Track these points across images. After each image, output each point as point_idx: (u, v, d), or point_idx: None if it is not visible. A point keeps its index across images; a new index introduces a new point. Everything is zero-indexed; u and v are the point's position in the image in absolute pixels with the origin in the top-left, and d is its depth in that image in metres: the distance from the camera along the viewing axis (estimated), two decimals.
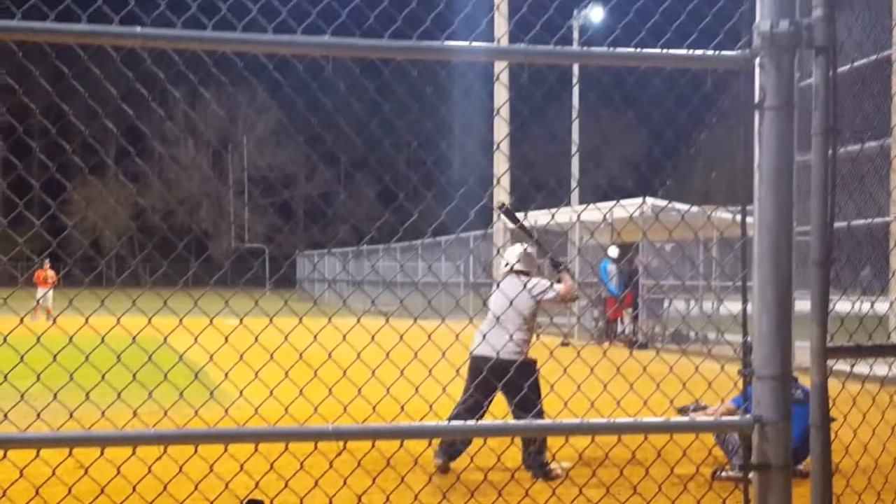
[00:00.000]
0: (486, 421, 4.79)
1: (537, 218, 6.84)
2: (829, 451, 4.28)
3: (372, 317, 5.37)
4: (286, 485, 5.41)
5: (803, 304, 4.33)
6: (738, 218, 4.49)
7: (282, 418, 5.28)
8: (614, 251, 28.90)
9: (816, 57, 4.14)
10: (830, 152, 4.18)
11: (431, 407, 5.35)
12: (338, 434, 4.27)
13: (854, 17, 15.60)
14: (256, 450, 4.94)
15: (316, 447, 5.10)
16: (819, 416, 4.24)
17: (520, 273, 10.97)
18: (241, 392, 5.09)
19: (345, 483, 5.52)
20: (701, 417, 9.87)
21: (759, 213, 4.13)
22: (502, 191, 24.63)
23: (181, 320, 4.73)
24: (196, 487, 5.27)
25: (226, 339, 4.75)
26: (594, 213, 20.31)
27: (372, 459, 6.21)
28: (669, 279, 28.56)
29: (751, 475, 4.25)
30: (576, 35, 40.44)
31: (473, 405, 9.91)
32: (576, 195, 36.31)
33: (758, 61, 4.11)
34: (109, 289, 5.08)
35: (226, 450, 4.92)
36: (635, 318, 29.63)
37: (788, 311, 4.15)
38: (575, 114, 33.83)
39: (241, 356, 4.83)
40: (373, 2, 4.58)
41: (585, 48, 4.35)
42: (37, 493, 4.99)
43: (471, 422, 6.40)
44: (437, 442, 10.41)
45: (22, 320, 4.63)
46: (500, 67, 5.78)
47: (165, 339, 4.79)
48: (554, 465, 10.28)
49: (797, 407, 4.33)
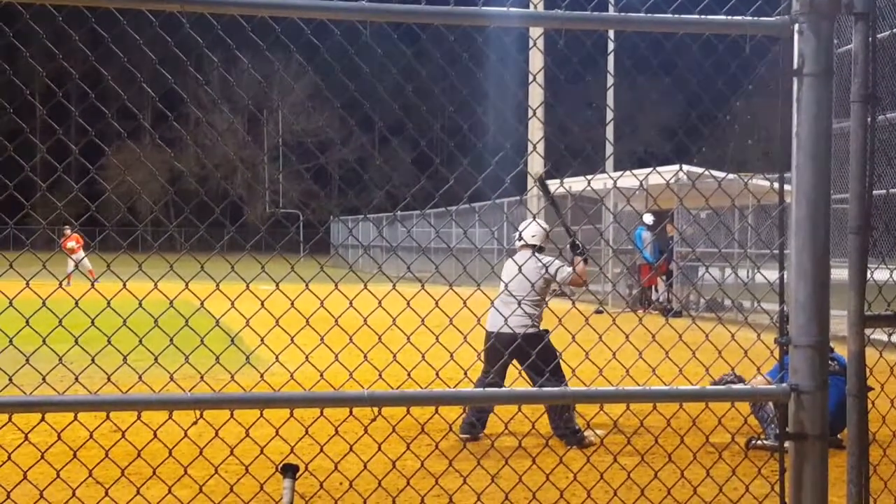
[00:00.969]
0: (520, 388, 4.80)
1: (572, 185, 6.80)
2: (865, 420, 4.26)
3: (407, 283, 5.38)
4: (321, 450, 5.43)
5: (840, 273, 4.30)
6: (776, 185, 4.46)
7: (317, 384, 5.30)
8: (649, 218, 28.80)
9: (856, 23, 4.10)
10: (869, 119, 4.15)
11: (466, 373, 5.36)
12: (373, 400, 4.28)
13: None
14: (291, 415, 4.96)
15: (351, 413, 5.12)
16: (856, 386, 4.23)
17: (533, 248, 10.93)
18: (277, 357, 5.10)
19: (379, 449, 5.54)
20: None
21: (797, 180, 4.10)
22: (537, 157, 24.58)
23: (218, 285, 4.74)
24: (231, 452, 5.30)
25: (262, 304, 4.76)
26: (629, 179, 20.26)
27: (406, 425, 6.23)
28: (705, 246, 28.45)
29: (786, 444, 4.24)
30: (612, 0, 40.21)
31: (494, 381, 9.92)
32: (611, 162, 36.15)
33: (797, 27, 4.08)
34: (146, 253, 5.11)
35: (261, 415, 4.95)
36: (670, 286, 29.55)
37: (826, 279, 4.12)
38: (611, 80, 33.65)
39: (277, 321, 4.84)
40: None
41: (623, 14, 4.32)
42: (74, 455, 5.03)
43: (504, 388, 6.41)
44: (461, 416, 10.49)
45: (61, 284, 4.66)
46: (537, 33, 5.75)
47: (202, 303, 4.80)
48: (588, 433, 10.29)
49: (833, 378, 4.32)
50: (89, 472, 5.25)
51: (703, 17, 4.30)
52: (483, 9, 4.23)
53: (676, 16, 4.27)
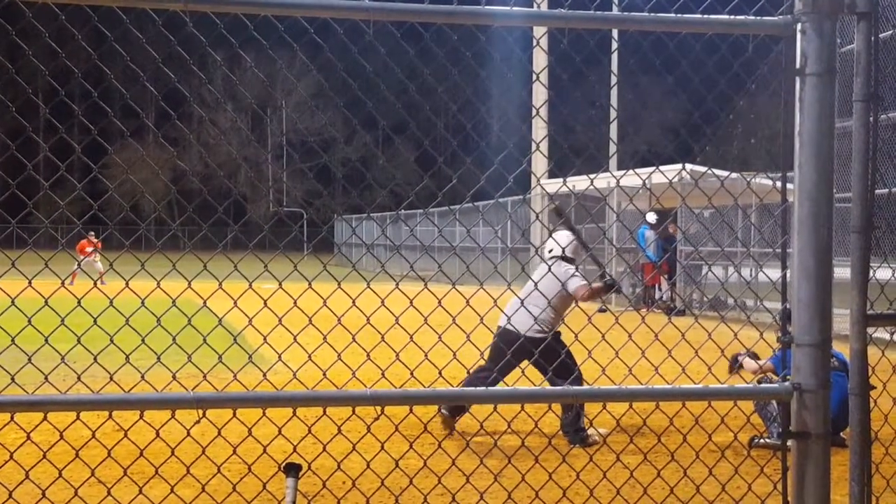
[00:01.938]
0: (523, 387, 4.79)
1: (576, 183, 6.81)
2: (868, 419, 4.26)
3: (410, 281, 5.38)
4: (324, 449, 5.43)
5: (843, 271, 4.31)
6: (778, 184, 4.46)
7: (320, 383, 5.30)
8: (652, 217, 28.79)
9: (858, 23, 4.10)
10: (872, 119, 4.15)
11: (469, 372, 5.37)
12: (375, 399, 4.28)
13: None
14: (294, 414, 4.96)
15: (354, 412, 5.13)
16: (858, 384, 4.23)
17: (565, 260, 10.94)
18: (280, 356, 5.10)
19: (382, 448, 5.54)
20: (749, 363, 9.87)
21: (800, 179, 4.10)
22: (540, 156, 24.57)
23: (220, 284, 4.75)
24: (234, 451, 5.30)
25: (265, 303, 4.77)
26: (633, 178, 20.27)
27: (409, 424, 6.25)
28: (708, 245, 28.44)
29: (788, 443, 4.25)
30: None
31: (495, 379, 9.89)
32: (614, 161, 36.16)
33: (799, 27, 4.08)
34: (149, 252, 5.11)
35: (264, 414, 4.95)
36: (673, 285, 29.55)
37: (828, 278, 4.13)
38: (614, 80, 33.66)
39: (280, 320, 4.84)
40: None
41: (626, 13, 4.32)
42: (77, 455, 5.03)
43: (506, 386, 6.40)
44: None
45: (63, 283, 4.66)
46: (540, 32, 5.76)
47: (205, 302, 4.81)
48: (591, 431, 10.29)
49: (835, 375, 4.32)
50: (92, 472, 5.25)
51: (705, 16, 4.31)
52: (486, 8, 4.23)
53: (679, 15, 4.28)
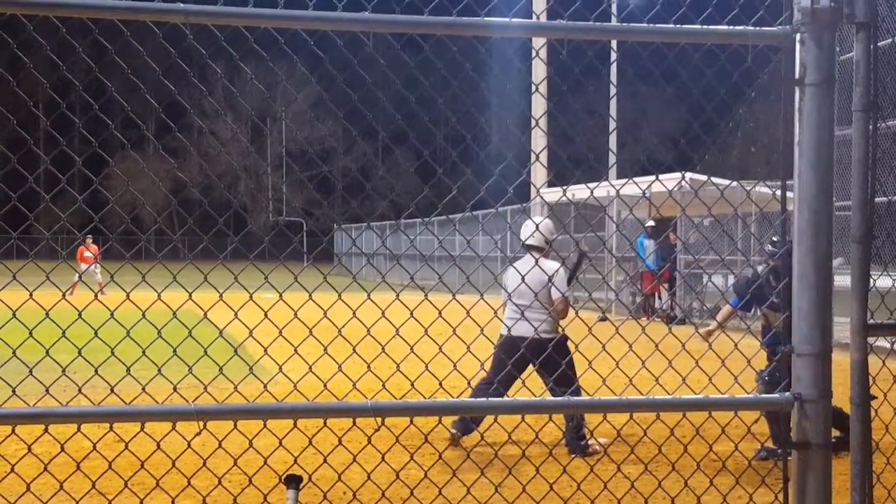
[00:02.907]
0: (524, 398, 4.80)
1: (575, 192, 6.80)
2: (868, 428, 4.26)
3: (410, 291, 5.38)
4: (324, 460, 5.43)
5: (843, 279, 4.31)
6: (778, 193, 4.47)
7: (320, 394, 5.30)
8: (650, 224, 28.81)
9: (857, 33, 4.11)
10: (871, 128, 4.16)
11: (469, 383, 5.37)
12: (376, 410, 4.28)
13: None
14: (295, 425, 4.96)
15: (354, 423, 5.13)
16: (859, 394, 4.23)
17: (532, 249, 10.91)
18: (281, 368, 5.11)
19: (383, 459, 5.54)
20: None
21: (799, 189, 4.11)
22: (540, 167, 24.56)
23: (221, 296, 4.75)
24: (235, 463, 5.30)
25: (265, 314, 4.77)
26: (632, 187, 20.28)
27: (410, 435, 6.24)
28: (708, 254, 28.43)
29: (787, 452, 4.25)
30: (614, 10, 40.27)
31: (497, 391, 9.87)
32: (614, 171, 36.17)
33: (798, 37, 4.09)
34: (150, 263, 5.11)
35: (265, 425, 4.95)
36: (673, 294, 29.55)
37: (828, 288, 4.13)
38: (613, 90, 33.68)
39: (280, 331, 4.84)
40: None
41: (625, 24, 4.33)
42: (78, 467, 5.03)
43: (507, 398, 6.41)
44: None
45: (64, 296, 4.67)
46: (539, 43, 5.77)
47: (206, 314, 4.81)
48: (592, 442, 10.29)
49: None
50: (93, 484, 5.24)
51: (704, 27, 4.32)
52: (486, 19, 4.24)
53: (678, 26, 4.28)
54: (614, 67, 6.51)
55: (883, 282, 5.29)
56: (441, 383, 5.22)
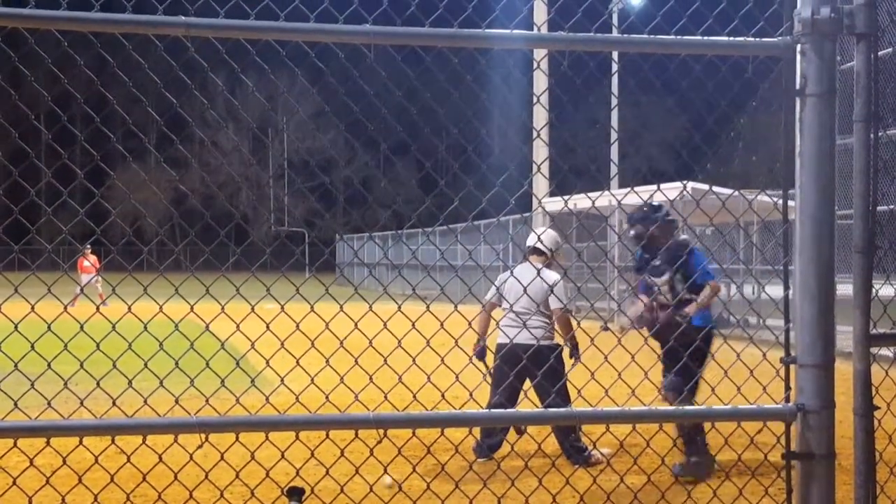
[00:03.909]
0: (525, 409, 4.80)
1: (577, 202, 6.78)
2: (872, 439, 4.26)
3: (412, 302, 5.38)
4: (326, 472, 5.42)
5: (846, 288, 4.31)
6: (780, 203, 4.47)
7: (322, 406, 5.30)
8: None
9: (858, 43, 4.11)
10: (872, 138, 4.16)
11: (472, 394, 5.36)
12: (378, 422, 4.28)
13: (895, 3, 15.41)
14: (297, 437, 4.96)
15: (356, 435, 5.12)
16: (862, 405, 4.22)
17: (537, 255, 10.82)
18: (283, 380, 5.10)
19: (385, 470, 5.55)
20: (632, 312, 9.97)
21: (801, 200, 4.11)
22: (541, 178, 24.61)
23: (223, 307, 4.75)
24: (237, 475, 5.30)
25: (267, 326, 4.77)
26: (634, 197, 20.27)
27: (412, 447, 6.24)
28: (711, 264, 28.42)
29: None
30: (615, 21, 40.32)
31: (511, 395, 9.87)
32: (616, 181, 36.22)
33: (799, 48, 4.10)
34: (151, 274, 5.11)
35: (267, 437, 4.94)
36: None
37: (831, 298, 4.13)
38: (615, 101, 33.71)
39: (282, 343, 4.84)
40: None
41: (626, 35, 4.34)
42: (80, 479, 5.03)
43: (510, 409, 6.41)
44: (476, 433, 10.39)
45: (66, 308, 4.66)
46: (540, 55, 5.77)
47: (207, 326, 4.81)
48: (594, 452, 10.27)
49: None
50: (94, 497, 5.23)
51: (705, 38, 4.32)
52: (487, 31, 4.25)
53: (679, 37, 4.29)
54: (615, 78, 6.51)
55: (885, 291, 5.28)
56: (443, 394, 5.21)
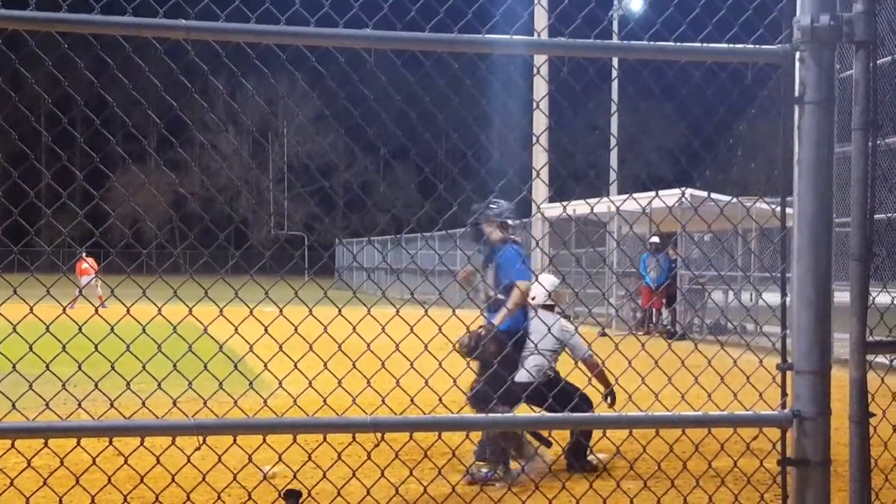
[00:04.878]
0: (524, 414, 4.81)
1: (575, 208, 6.81)
2: (867, 446, 4.26)
3: (410, 306, 5.39)
4: (324, 475, 5.43)
5: (843, 295, 4.32)
6: (778, 210, 4.48)
7: (320, 409, 5.31)
8: (655, 239, 28.83)
9: (857, 51, 4.12)
10: (871, 146, 4.17)
11: (468, 398, 5.37)
12: (376, 425, 4.29)
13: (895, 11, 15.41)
14: (295, 440, 4.97)
15: (354, 438, 5.13)
16: (858, 412, 4.23)
17: (548, 307, 10.83)
18: (281, 382, 5.11)
19: (382, 474, 5.54)
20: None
21: (799, 207, 4.12)
22: (541, 183, 24.62)
23: (221, 310, 4.76)
24: (234, 478, 5.30)
25: (265, 329, 4.78)
26: (632, 203, 20.30)
27: (409, 450, 6.24)
28: (708, 270, 28.45)
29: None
30: (615, 27, 40.34)
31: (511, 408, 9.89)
32: (614, 187, 36.22)
33: (798, 56, 4.11)
34: (150, 276, 5.12)
35: (264, 440, 4.96)
36: (673, 310, 29.57)
37: (828, 305, 4.14)
38: (614, 107, 33.73)
39: (281, 346, 4.85)
40: None
41: (626, 42, 4.35)
42: (77, 481, 5.04)
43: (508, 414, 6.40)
44: (474, 436, 10.38)
45: (64, 310, 4.67)
46: (540, 60, 5.77)
47: (206, 329, 4.82)
48: (591, 457, 10.27)
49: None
50: (92, 498, 5.24)
51: (704, 45, 4.33)
52: (487, 36, 4.26)
53: (679, 44, 4.30)
54: (615, 84, 6.53)
55: (882, 299, 5.29)
56: (441, 398, 5.22)
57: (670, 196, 19.28)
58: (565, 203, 5.86)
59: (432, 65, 4.74)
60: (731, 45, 4.32)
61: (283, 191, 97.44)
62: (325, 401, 5.14)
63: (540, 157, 23.65)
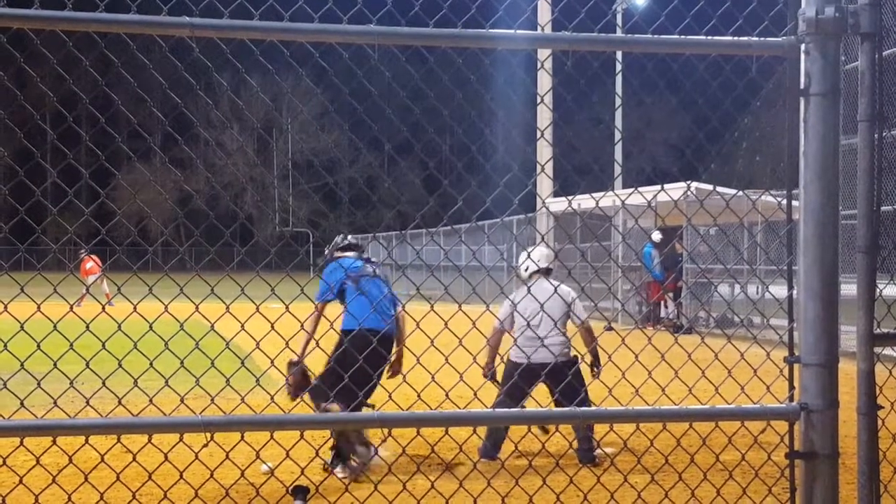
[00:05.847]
0: (531, 409, 4.81)
1: (580, 202, 6.80)
2: (876, 438, 4.26)
3: (416, 302, 5.38)
4: (331, 472, 5.43)
5: (849, 288, 4.31)
6: (784, 203, 4.47)
7: None
8: (657, 236, 28.79)
9: (862, 43, 4.11)
10: (877, 138, 4.16)
11: (476, 393, 5.37)
12: (383, 421, 4.29)
13: None
14: (302, 436, 4.97)
15: None
16: (866, 404, 4.22)
17: (546, 273, 10.84)
18: (287, 379, 5.11)
19: (389, 469, 5.55)
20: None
21: (805, 199, 4.11)
22: (545, 178, 24.61)
23: (228, 307, 4.76)
24: (242, 474, 5.31)
25: (272, 325, 4.78)
26: (637, 197, 20.29)
27: (416, 445, 6.24)
28: (715, 264, 28.42)
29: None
30: (619, 21, 40.32)
31: (520, 402, 9.86)
32: (619, 181, 36.19)
33: (803, 48, 4.10)
34: (156, 274, 5.12)
35: (272, 436, 4.95)
36: (679, 304, 29.53)
37: (834, 297, 4.13)
38: (619, 101, 33.70)
39: (287, 343, 4.85)
40: None
41: (630, 35, 4.34)
42: (86, 478, 5.04)
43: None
44: (480, 433, 10.37)
45: (71, 308, 4.67)
46: (544, 55, 5.76)
47: (212, 325, 4.82)
48: (598, 452, 10.27)
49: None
50: (101, 495, 5.25)
51: (709, 37, 4.32)
52: (491, 31, 4.25)
53: (683, 37, 4.29)
54: (619, 78, 6.52)
55: (889, 291, 5.28)
56: (447, 394, 5.22)
57: (676, 189, 19.26)
58: (570, 197, 5.83)
59: (436, 60, 4.73)
60: (735, 38, 4.31)
61: (288, 187, 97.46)
62: (331, 396, 5.14)
63: (544, 151, 23.65)
